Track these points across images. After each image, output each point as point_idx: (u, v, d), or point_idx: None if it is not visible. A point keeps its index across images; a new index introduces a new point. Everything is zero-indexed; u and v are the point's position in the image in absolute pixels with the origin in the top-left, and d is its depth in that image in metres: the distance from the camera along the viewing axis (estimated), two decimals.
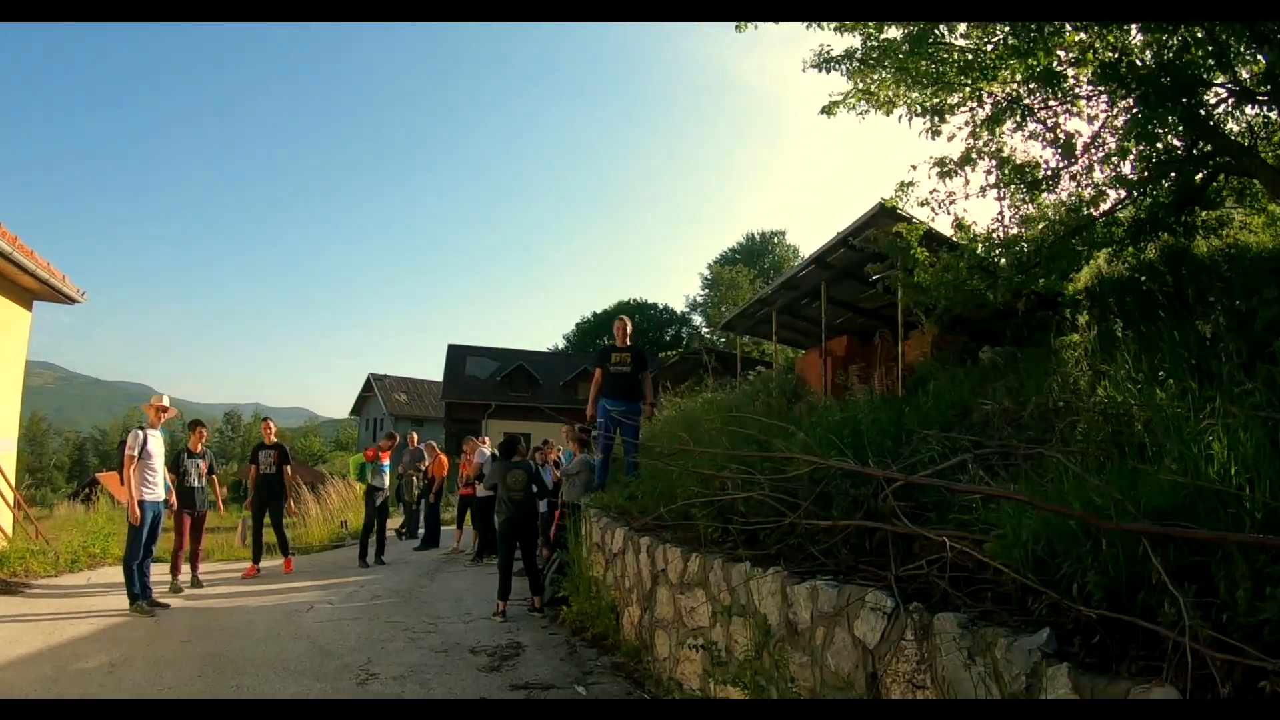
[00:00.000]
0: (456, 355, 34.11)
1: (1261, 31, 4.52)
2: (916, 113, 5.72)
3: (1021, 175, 5.51)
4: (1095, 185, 5.55)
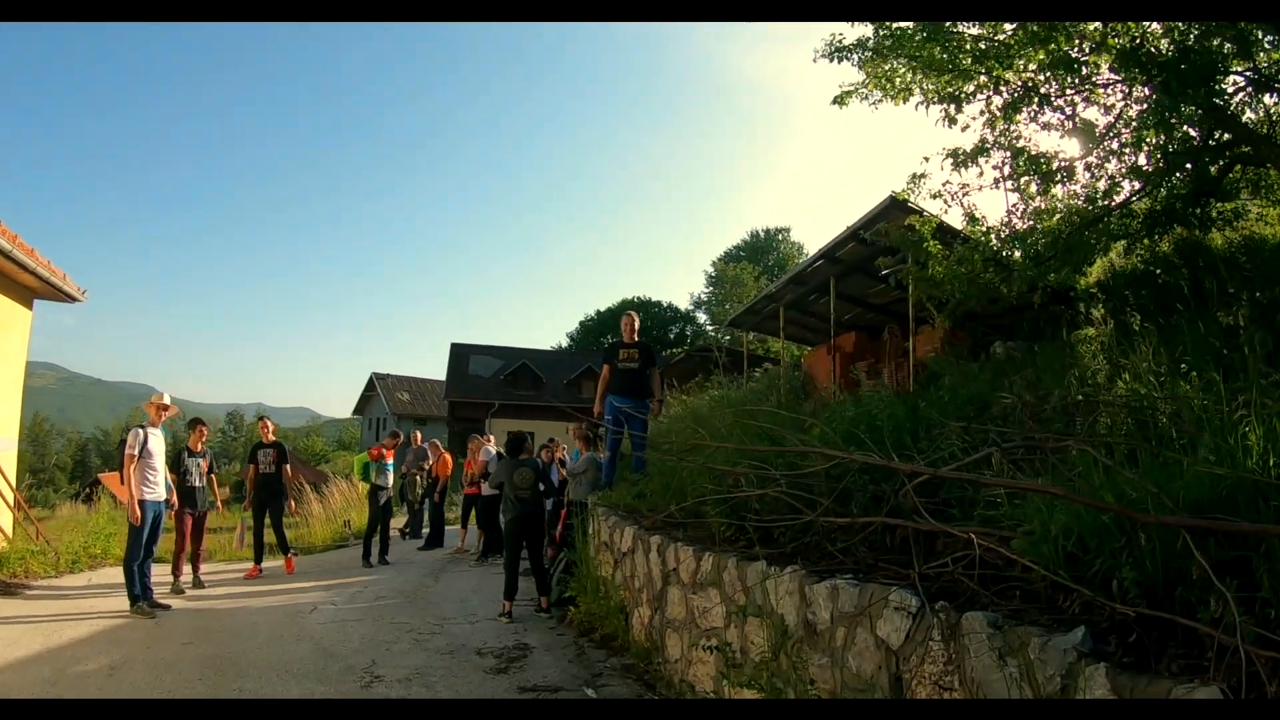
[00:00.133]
0: (460, 354, 34.01)
1: None
2: (934, 100, 5.64)
3: (1036, 166, 5.42)
4: (1110, 177, 5.47)
